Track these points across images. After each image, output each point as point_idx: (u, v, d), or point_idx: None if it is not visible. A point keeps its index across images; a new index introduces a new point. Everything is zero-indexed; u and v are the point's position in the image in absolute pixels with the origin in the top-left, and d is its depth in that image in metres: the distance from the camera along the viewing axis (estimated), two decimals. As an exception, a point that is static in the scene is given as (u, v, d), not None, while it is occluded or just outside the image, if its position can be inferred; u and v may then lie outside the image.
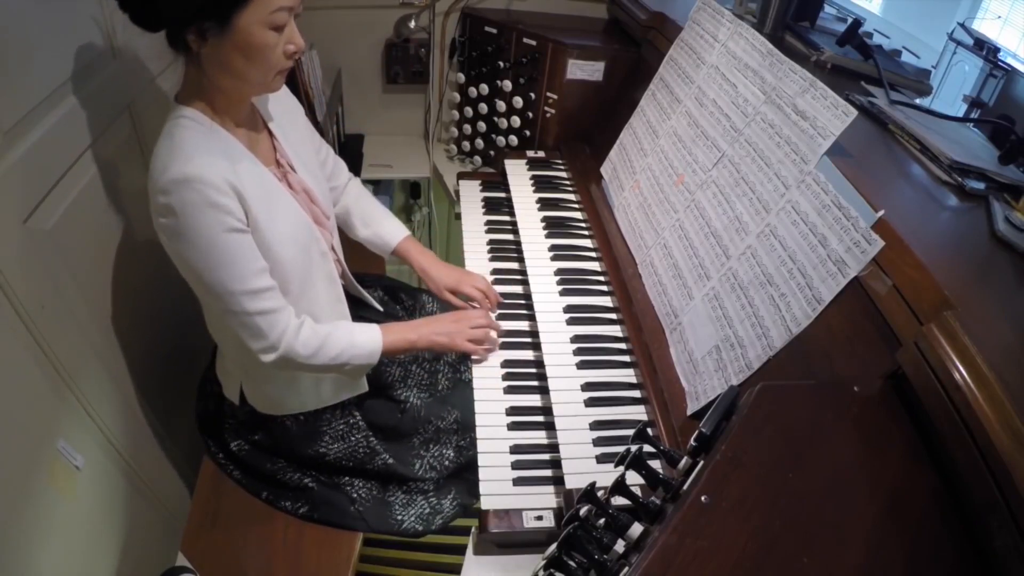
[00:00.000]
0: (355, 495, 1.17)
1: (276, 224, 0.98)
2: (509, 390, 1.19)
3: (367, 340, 1.09)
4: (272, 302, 0.97)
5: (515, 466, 1.07)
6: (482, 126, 1.86)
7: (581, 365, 1.17)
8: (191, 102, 0.94)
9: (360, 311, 1.29)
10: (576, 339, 1.22)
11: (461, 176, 1.76)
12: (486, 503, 1.01)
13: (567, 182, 1.64)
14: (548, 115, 1.71)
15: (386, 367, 1.23)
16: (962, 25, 2.28)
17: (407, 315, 1.39)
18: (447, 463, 1.23)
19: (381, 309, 1.34)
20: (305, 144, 1.16)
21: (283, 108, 1.12)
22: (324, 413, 1.16)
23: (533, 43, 1.66)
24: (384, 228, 1.34)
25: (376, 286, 1.41)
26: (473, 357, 1.22)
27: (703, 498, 0.56)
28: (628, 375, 1.17)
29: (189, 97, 0.94)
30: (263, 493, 1.16)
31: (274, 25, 0.88)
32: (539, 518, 1.00)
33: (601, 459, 1.03)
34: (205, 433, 1.21)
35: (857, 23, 1.30)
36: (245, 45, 0.88)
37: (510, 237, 1.53)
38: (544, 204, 1.55)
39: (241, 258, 0.93)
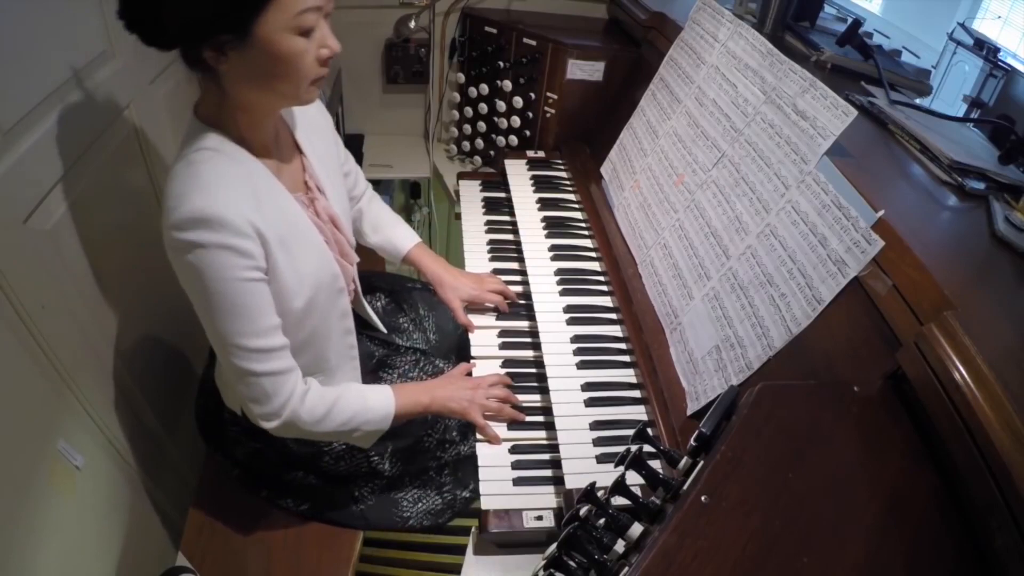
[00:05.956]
0: (358, 494, 1.15)
1: (297, 266, 0.92)
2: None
3: (380, 404, 1.03)
4: (282, 362, 0.91)
5: (515, 466, 1.07)
6: (482, 126, 1.86)
7: (581, 365, 1.17)
8: (213, 123, 0.87)
9: (364, 329, 1.27)
10: (576, 339, 1.22)
11: (461, 176, 1.76)
12: (486, 503, 1.01)
13: (567, 182, 1.64)
14: (548, 115, 1.71)
15: (386, 376, 1.22)
16: (962, 25, 2.28)
17: (409, 328, 1.36)
18: (463, 456, 1.21)
19: (386, 331, 1.30)
20: (333, 161, 1.10)
21: (313, 123, 1.05)
22: None
23: (533, 43, 1.66)
24: (395, 234, 1.32)
25: (380, 291, 1.39)
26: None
27: (703, 498, 0.56)
28: (628, 375, 1.17)
29: (211, 116, 0.87)
30: (263, 491, 1.15)
31: (301, 29, 0.81)
32: (539, 518, 1.00)
33: (601, 459, 1.03)
34: (203, 429, 1.18)
35: (857, 23, 1.30)
36: (271, 55, 0.80)
37: (510, 237, 1.53)
38: (544, 204, 1.56)
39: (255, 310, 0.86)
